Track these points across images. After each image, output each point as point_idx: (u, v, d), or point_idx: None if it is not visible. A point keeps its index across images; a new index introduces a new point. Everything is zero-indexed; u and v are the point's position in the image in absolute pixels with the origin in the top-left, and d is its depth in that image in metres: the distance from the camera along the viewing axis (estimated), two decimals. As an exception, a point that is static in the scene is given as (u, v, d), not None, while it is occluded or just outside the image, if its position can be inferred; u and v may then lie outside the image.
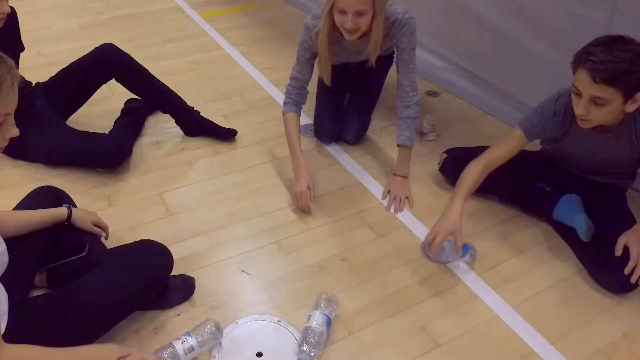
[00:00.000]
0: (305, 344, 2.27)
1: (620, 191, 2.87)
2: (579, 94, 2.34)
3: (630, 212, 2.76)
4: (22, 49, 3.46)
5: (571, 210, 2.78)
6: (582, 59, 2.28)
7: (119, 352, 1.90)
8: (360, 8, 2.63)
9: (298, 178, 3.13)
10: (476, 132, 3.06)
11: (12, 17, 3.19)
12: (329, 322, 2.36)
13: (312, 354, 2.29)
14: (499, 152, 2.79)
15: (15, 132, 1.78)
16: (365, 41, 3.01)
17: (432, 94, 4.28)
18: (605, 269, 2.56)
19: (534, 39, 3.51)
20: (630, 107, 2.32)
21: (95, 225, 2.59)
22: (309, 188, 3.10)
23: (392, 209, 3.09)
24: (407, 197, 3.12)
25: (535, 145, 3.40)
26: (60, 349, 1.82)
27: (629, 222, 2.65)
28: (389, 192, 3.18)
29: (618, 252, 2.51)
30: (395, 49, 3.15)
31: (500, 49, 3.78)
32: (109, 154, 3.36)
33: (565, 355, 2.26)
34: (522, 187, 3.01)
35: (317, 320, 2.35)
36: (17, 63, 3.41)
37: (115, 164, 3.38)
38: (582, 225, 2.69)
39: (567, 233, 2.81)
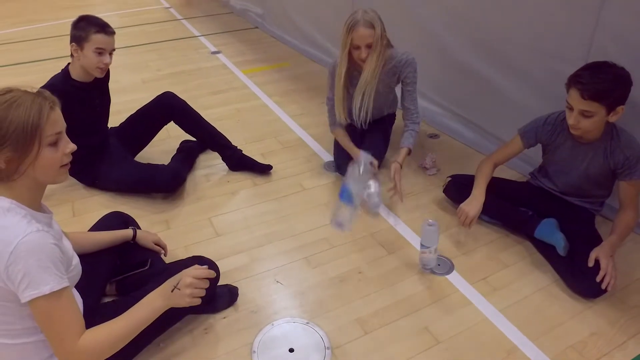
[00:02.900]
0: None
1: (590, 215, 2.89)
2: (571, 109, 2.50)
3: (597, 232, 2.79)
4: (110, 99, 3.61)
5: (550, 230, 2.79)
6: (573, 81, 2.45)
7: (169, 285, 1.91)
8: (369, 41, 3.14)
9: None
10: (470, 168, 3.07)
11: (108, 72, 3.39)
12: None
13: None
14: (502, 154, 3.02)
15: (72, 146, 1.80)
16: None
17: (433, 136, 4.27)
18: (579, 278, 2.57)
19: (518, 90, 3.54)
20: (613, 118, 2.47)
21: (156, 244, 2.62)
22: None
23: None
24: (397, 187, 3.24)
25: (521, 177, 3.45)
26: (122, 318, 1.85)
27: (597, 240, 2.69)
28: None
29: (590, 263, 2.54)
30: (401, 83, 3.48)
31: (490, 98, 3.81)
32: (167, 179, 3.40)
33: (543, 351, 2.26)
34: (509, 210, 3.01)
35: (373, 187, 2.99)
36: (109, 111, 3.62)
37: (172, 189, 3.42)
38: (561, 242, 2.70)
39: (545, 249, 2.82)
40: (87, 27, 3.04)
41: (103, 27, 3.08)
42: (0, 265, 1.58)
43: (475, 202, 2.88)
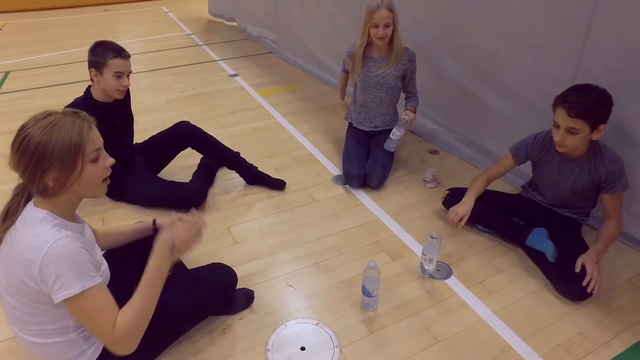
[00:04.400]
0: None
1: (577, 225, 2.91)
2: (557, 126, 2.53)
3: (584, 240, 2.81)
4: (133, 117, 3.61)
5: (540, 238, 2.81)
6: (560, 100, 2.49)
7: (165, 247, 1.85)
8: (387, 21, 3.48)
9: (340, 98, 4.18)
10: (467, 181, 3.08)
11: (128, 92, 3.39)
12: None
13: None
14: (495, 170, 3.05)
15: (111, 160, 1.83)
16: (385, 61, 3.74)
17: (433, 152, 4.29)
18: (567, 282, 2.58)
19: (511, 109, 3.56)
20: (595, 136, 2.51)
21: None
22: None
23: (406, 116, 3.61)
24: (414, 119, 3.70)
25: (514, 189, 3.46)
26: (139, 294, 1.81)
27: (584, 248, 2.71)
28: (405, 115, 3.62)
29: (577, 269, 2.56)
30: (406, 77, 3.85)
31: (486, 117, 3.83)
32: (190, 198, 3.40)
33: (534, 350, 2.28)
34: (503, 220, 3.02)
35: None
36: (132, 129, 3.61)
37: (194, 206, 3.39)
38: (549, 249, 2.72)
39: (536, 256, 2.83)
40: (104, 53, 3.04)
41: (119, 52, 3.08)
42: (34, 270, 1.60)
43: (464, 205, 2.95)
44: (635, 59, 2.64)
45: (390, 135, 3.64)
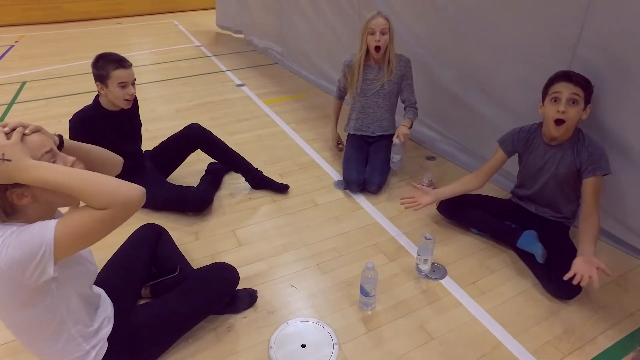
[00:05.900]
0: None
1: (564, 228, 2.91)
2: (558, 99, 2.56)
3: (572, 242, 2.80)
4: (141, 124, 3.61)
5: (530, 241, 2.82)
6: (560, 75, 2.59)
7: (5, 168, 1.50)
8: (383, 27, 3.55)
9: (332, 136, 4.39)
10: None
11: (136, 100, 3.39)
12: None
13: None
14: (487, 165, 3.06)
15: (71, 159, 1.68)
16: (382, 69, 3.78)
17: (430, 158, 4.31)
18: (555, 282, 2.59)
19: (503, 119, 3.57)
20: (584, 115, 2.57)
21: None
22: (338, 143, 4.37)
23: (397, 140, 3.63)
24: (406, 133, 3.65)
25: (506, 194, 3.46)
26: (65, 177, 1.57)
27: (571, 250, 2.69)
28: (397, 139, 3.64)
29: (567, 277, 2.38)
30: (402, 81, 3.88)
31: (480, 126, 3.84)
32: (196, 202, 3.43)
33: (524, 346, 2.30)
34: (495, 223, 3.05)
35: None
36: (140, 135, 3.60)
37: (200, 209, 3.44)
38: (539, 251, 2.73)
39: (526, 257, 2.85)
40: (105, 66, 3.02)
41: (120, 62, 3.04)
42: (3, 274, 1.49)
43: (434, 194, 3.07)
44: (621, 72, 2.65)
45: (391, 159, 3.75)
